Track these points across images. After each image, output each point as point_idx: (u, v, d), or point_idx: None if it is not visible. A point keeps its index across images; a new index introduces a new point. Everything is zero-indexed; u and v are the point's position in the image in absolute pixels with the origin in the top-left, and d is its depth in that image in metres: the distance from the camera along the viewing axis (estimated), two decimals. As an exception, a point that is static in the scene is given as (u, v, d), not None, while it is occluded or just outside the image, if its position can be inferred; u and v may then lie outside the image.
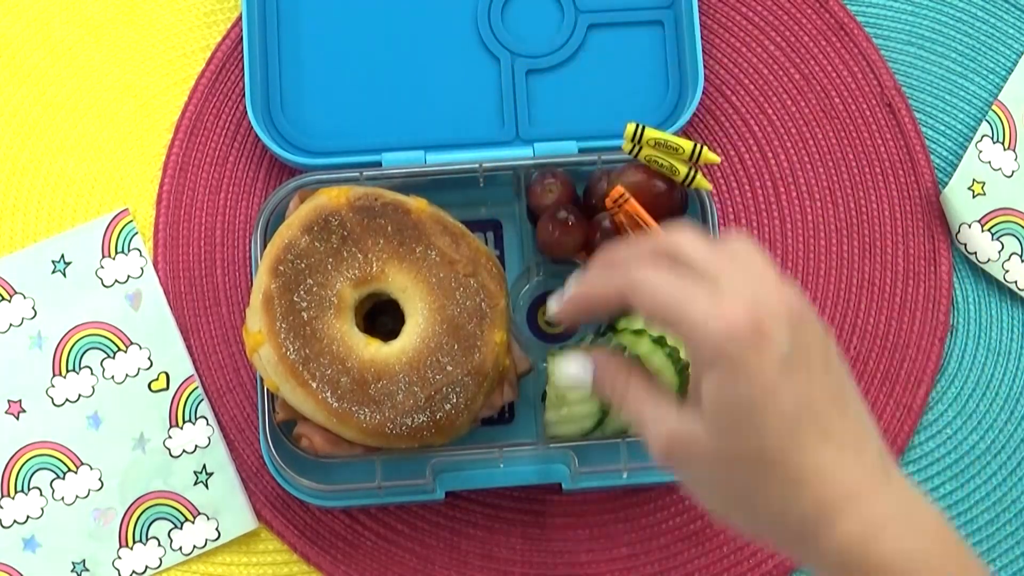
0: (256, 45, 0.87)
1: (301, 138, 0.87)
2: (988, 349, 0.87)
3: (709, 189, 0.79)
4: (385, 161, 0.84)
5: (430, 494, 0.80)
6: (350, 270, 0.77)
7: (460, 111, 0.88)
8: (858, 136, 0.89)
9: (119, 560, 0.83)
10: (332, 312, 0.76)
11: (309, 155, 0.86)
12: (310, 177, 0.82)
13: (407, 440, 0.77)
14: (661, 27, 0.89)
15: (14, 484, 0.84)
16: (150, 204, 0.88)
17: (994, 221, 0.88)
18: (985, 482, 0.86)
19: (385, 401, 0.76)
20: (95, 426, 0.85)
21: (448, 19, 0.89)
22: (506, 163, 0.82)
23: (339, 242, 0.77)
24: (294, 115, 0.87)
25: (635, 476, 0.80)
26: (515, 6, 0.89)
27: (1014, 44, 0.91)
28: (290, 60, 0.88)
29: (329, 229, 0.77)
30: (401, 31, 0.88)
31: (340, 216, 0.77)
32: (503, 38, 0.88)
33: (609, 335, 0.78)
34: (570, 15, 0.89)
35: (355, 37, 0.88)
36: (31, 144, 0.89)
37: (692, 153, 0.77)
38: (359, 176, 0.81)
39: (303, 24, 0.88)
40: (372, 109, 0.87)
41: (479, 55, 0.88)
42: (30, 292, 0.87)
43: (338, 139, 0.87)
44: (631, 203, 0.76)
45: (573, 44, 0.89)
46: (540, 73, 0.88)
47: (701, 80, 0.86)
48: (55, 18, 0.91)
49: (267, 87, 0.87)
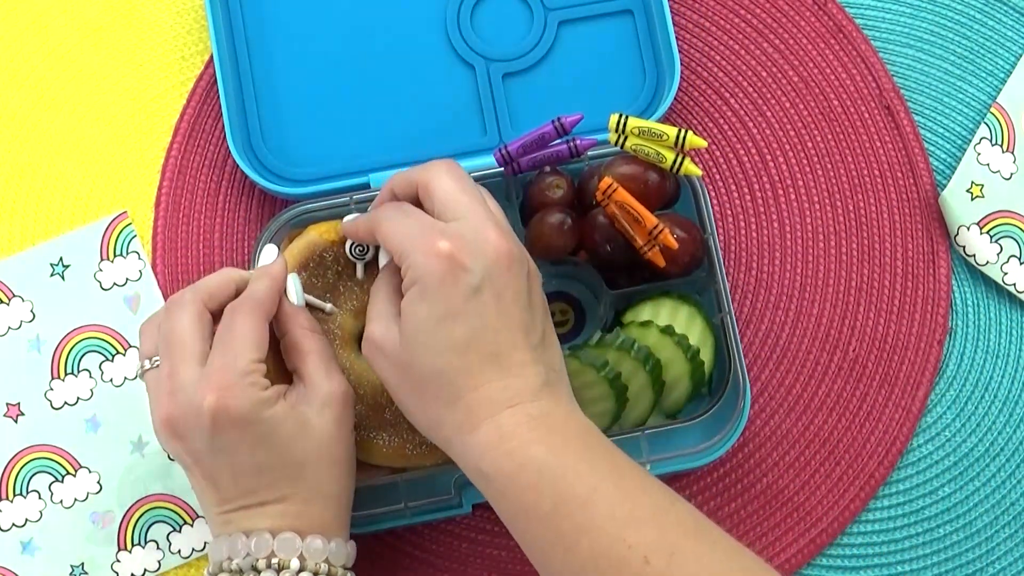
0: (230, 83, 0.87)
1: (287, 168, 0.87)
2: (987, 351, 0.87)
3: (699, 174, 0.79)
4: (373, 182, 0.85)
5: (457, 509, 0.81)
6: (349, 302, 0.77)
7: (441, 123, 0.88)
8: (857, 139, 0.89)
9: (118, 563, 0.83)
10: (338, 344, 0.77)
11: (297, 184, 0.86)
12: (301, 207, 0.81)
13: (429, 457, 0.77)
14: (631, 16, 0.89)
15: (13, 487, 0.84)
16: (149, 207, 0.88)
17: (993, 223, 0.88)
18: (984, 484, 0.86)
19: (401, 422, 0.76)
20: (94, 429, 0.85)
21: (419, 33, 0.89)
22: (494, 170, 0.82)
23: (335, 277, 0.77)
24: (276, 146, 0.87)
25: (657, 467, 0.81)
26: (483, 12, 0.89)
27: (1012, 47, 0.91)
28: (266, 92, 0.88)
29: (324, 265, 0.77)
30: (374, 51, 0.88)
31: (333, 251, 0.78)
32: (475, 45, 0.88)
33: (617, 329, 0.79)
34: (539, 14, 0.89)
35: (329, 62, 0.88)
36: (30, 147, 0.89)
37: (677, 139, 0.77)
38: (349, 200, 0.81)
39: (275, 57, 0.88)
40: (354, 131, 0.87)
41: (454, 65, 0.88)
42: (29, 295, 0.87)
43: (324, 165, 0.87)
44: (620, 192, 0.76)
45: (546, 43, 0.89)
46: (516, 76, 0.88)
47: (678, 66, 0.86)
48: (54, 21, 0.91)
49: (246, 122, 0.87)
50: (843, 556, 0.85)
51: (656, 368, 0.79)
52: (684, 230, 0.79)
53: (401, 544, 0.84)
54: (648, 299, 0.81)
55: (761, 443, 0.86)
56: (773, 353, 0.87)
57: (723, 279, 0.80)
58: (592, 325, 0.84)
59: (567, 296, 0.85)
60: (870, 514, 0.85)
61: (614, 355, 0.78)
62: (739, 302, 0.87)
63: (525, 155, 0.80)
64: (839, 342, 0.87)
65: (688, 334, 0.79)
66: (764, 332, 0.87)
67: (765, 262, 0.88)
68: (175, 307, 0.72)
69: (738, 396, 0.80)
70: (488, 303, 0.68)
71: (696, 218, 0.81)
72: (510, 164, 0.80)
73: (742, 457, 0.85)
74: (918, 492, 0.86)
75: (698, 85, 0.90)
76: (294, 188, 0.85)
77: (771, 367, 0.86)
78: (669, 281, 0.81)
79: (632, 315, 0.81)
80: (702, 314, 0.80)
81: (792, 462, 0.85)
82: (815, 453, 0.85)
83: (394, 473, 0.78)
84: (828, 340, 0.87)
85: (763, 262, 0.88)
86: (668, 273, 0.80)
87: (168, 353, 0.71)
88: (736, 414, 0.80)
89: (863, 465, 0.85)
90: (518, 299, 0.69)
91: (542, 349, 0.70)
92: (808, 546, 0.85)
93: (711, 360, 0.81)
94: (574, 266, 0.81)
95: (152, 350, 0.73)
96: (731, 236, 0.88)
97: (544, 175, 0.81)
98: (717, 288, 0.80)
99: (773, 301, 0.87)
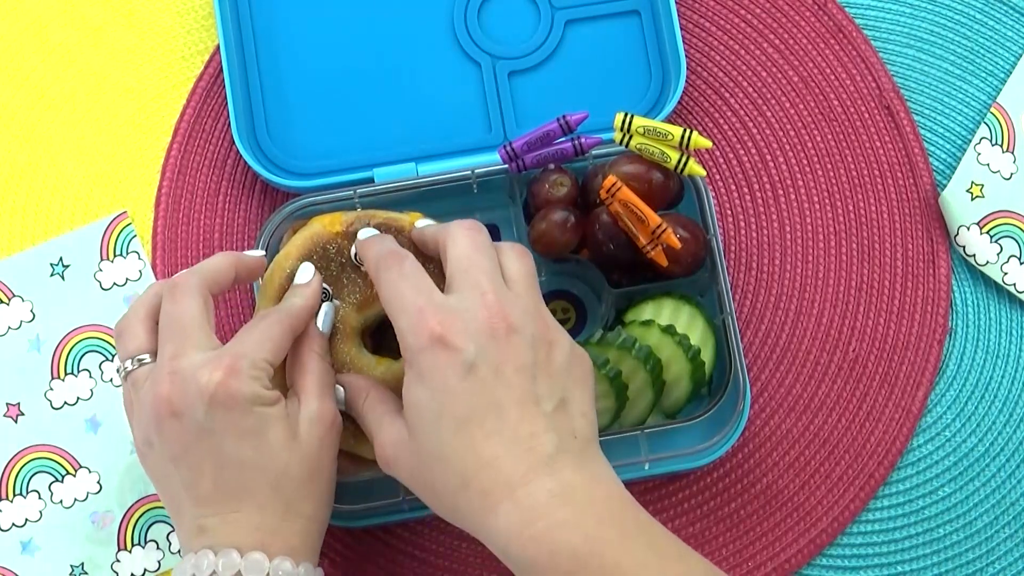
0: (236, 75, 0.87)
1: (291, 161, 0.87)
2: (987, 351, 0.87)
3: (703, 175, 0.79)
4: (377, 177, 0.84)
5: None
6: (351, 295, 0.77)
7: (447, 120, 0.88)
8: (856, 139, 0.89)
9: (118, 563, 0.83)
10: (339, 337, 0.77)
11: (301, 178, 0.86)
12: (305, 200, 0.82)
13: None
14: (638, 16, 0.89)
15: (12, 487, 0.84)
16: (149, 207, 0.88)
17: (993, 223, 0.88)
18: (984, 484, 0.86)
19: None
20: (94, 429, 0.85)
21: (426, 29, 0.89)
22: (498, 168, 0.82)
23: (338, 269, 0.77)
24: (281, 139, 0.87)
25: (657, 466, 0.81)
26: (491, 9, 0.89)
27: (1012, 46, 0.91)
28: (272, 85, 0.88)
29: (327, 257, 0.77)
30: (381, 46, 0.88)
31: (336, 244, 0.77)
32: (482, 43, 0.89)
33: (618, 328, 0.79)
34: (546, 13, 0.89)
35: (335, 56, 0.88)
36: (29, 147, 0.89)
37: (682, 139, 0.77)
38: (353, 195, 0.81)
39: (281, 50, 0.88)
40: (360, 126, 0.88)
41: (460, 62, 0.89)
42: (29, 295, 0.86)
43: (328, 159, 0.87)
44: (624, 191, 0.77)
45: (552, 42, 0.89)
46: (522, 74, 0.89)
47: (683, 67, 0.86)
48: (53, 21, 0.91)
49: (251, 115, 0.87)
50: (843, 556, 0.85)
51: (656, 367, 0.79)
52: (687, 230, 0.79)
53: (399, 543, 0.84)
54: (650, 298, 0.81)
55: (761, 443, 0.86)
56: (773, 353, 0.87)
57: (725, 280, 0.80)
58: (593, 323, 0.84)
59: (569, 294, 0.85)
60: (870, 514, 0.85)
61: (615, 353, 0.78)
62: (739, 302, 0.87)
63: (530, 152, 0.80)
64: (839, 342, 0.87)
65: (689, 334, 0.80)
66: (764, 332, 0.87)
67: (765, 262, 0.88)
68: (182, 293, 0.71)
69: (738, 396, 0.80)
70: (486, 379, 0.65)
71: (699, 218, 0.82)
72: (514, 161, 0.80)
73: (742, 457, 0.85)
74: (918, 492, 0.86)
75: (698, 85, 0.90)
76: (298, 181, 0.85)
77: (771, 367, 0.87)
78: (671, 281, 0.81)
79: (634, 314, 0.81)
80: (703, 314, 0.80)
81: (792, 462, 0.85)
82: (815, 453, 0.85)
83: None
84: (828, 340, 0.87)
85: (763, 262, 0.88)
86: (670, 273, 0.80)
87: (173, 337, 0.70)
88: (736, 414, 0.80)
89: (863, 465, 0.85)
90: (522, 371, 0.66)
91: (562, 415, 0.67)
92: (808, 546, 0.85)
93: (711, 361, 0.81)
94: (576, 264, 0.81)
95: (138, 348, 0.71)
96: (731, 236, 0.88)
97: (548, 173, 0.81)
98: (719, 289, 0.80)
99: (773, 301, 0.88)
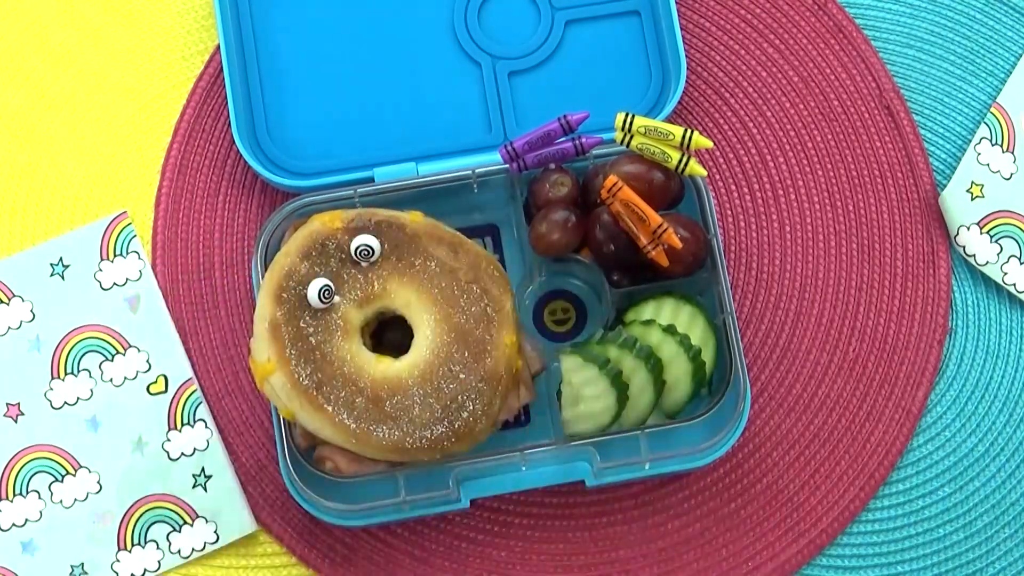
0: (236, 75, 0.87)
1: (291, 161, 0.87)
2: (987, 351, 0.87)
3: (704, 175, 0.79)
4: (377, 176, 0.84)
5: (455, 503, 0.80)
6: (352, 292, 0.77)
7: (447, 119, 0.88)
8: (856, 139, 0.89)
9: (117, 563, 0.83)
10: (340, 335, 0.77)
11: (301, 177, 0.86)
12: (305, 199, 0.81)
13: (428, 452, 0.77)
14: (638, 16, 0.89)
15: (12, 487, 0.84)
16: (148, 207, 0.88)
17: (993, 223, 0.88)
18: (984, 484, 0.86)
19: (402, 416, 0.76)
20: (94, 429, 0.85)
21: (426, 29, 0.89)
22: (499, 167, 0.82)
23: (338, 265, 0.77)
24: (282, 139, 0.87)
25: (657, 466, 0.81)
26: (491, 9, 0.89)
27: (1012, 46, 0.91)
28: (272, 85, 0.88)
29: (327, 254, 0.77)
30: (381, 46, 0.88)
31: (336, 239, 0.77)
32: (482, 43, 0.89)
33: (619, 328, 0.79)
34: (547, 13, 0.89)
35: (335, 55, 0.88)
36: (29, 147, 0.89)
37: (683, 139, 0.77)
38: (353, 194, 0.81)
39: (281, 50, 0.88)
40: (360, 126, 0.88)
41: (460, 62, 0.89)
42: (29, 295, 0.86)
43: (328, 159, 0.87)
44: (625, 191, 0.77)
45: (552, 42, 0.89)
46: (522, 74, 0.89)
47: (683, 67, 0.86)
48: (53, 21, 0.91)
49: (251, 114, 0.87)
50: (843, 556, 0.85)
51: (657, 367, 0.79)
52: (688, 230, 0.79)
53: (399, 543, 0.84)
54: (650, 298, 0.81)
55: (761, 443, 0.86)
56: (773, 353, 0.87)
57: (726, 280, 0.80)
58: (594, 323, 0.84)
59: (569, 294, 0.85)
60: (870, 514, 0.85)
61: (615, 353, 0.78)
62: (739, 302, 0.87)
63: (530, 152, 0.80)
64: (839, 342, 0.87)
65: (690, 334, 0.80)
66: (764, 332, 0.87)
67: (765, 262, 0.88)
68: None
69: (738, 396, 0.80)
70: None
71: (699, 218, 0.82)
72: (515, 161, 0.80)
73: (742, 457, 0.86)
74: (918, 492, 0.86)
75: (698, 85, 0.90)
76: (298, 181, 0.85)
77: (771, 367, 0.87)
78: (671, 281, 0.81)
79: (634, 314, 0.81)
80: (704, 314, 0.80)
81: (792, 462, 0.85)
82: (815, 453, 0.86)
83: (393, 467, 0.78)
84: (828, 340, 0.87)
85: (763, 262, 0.88)
86: (671, 273, 0.80)
87: None
88: (736, 414, 0.80)
89: (863, 465, 0.85)
90: None
91: None
92: (808, 546, 0.85)
93: (712, 360, 0.81)
94: (577, 264, 0.81)
95: None
96: (731, 236, 0.88)
97: (549, 172, 0.81)
98: (719, 289, 0.80)
99: (773, 301, 0.88)
